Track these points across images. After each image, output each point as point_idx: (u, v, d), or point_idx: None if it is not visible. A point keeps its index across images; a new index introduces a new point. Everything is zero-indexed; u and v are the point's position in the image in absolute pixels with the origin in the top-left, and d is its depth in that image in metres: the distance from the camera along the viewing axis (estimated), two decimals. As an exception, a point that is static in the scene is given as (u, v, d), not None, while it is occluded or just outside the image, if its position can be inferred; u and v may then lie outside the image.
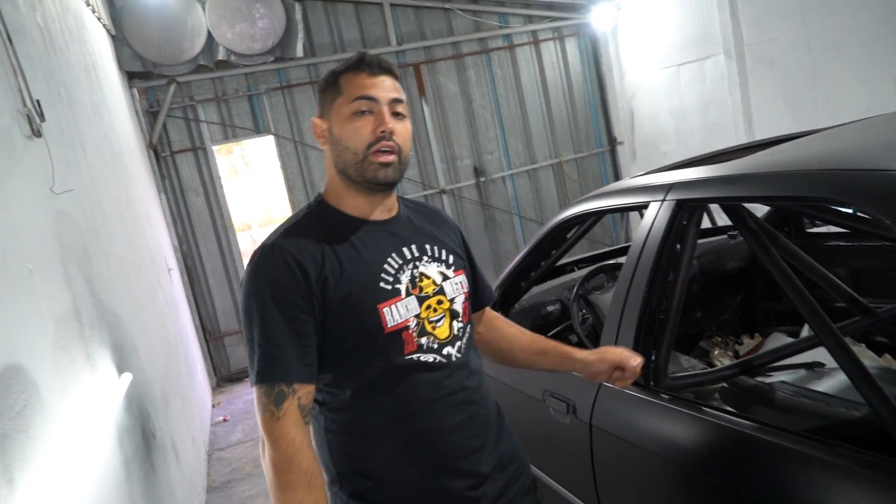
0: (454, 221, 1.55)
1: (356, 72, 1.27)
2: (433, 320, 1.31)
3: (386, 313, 1.24)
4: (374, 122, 1.25)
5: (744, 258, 2.92)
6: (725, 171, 1.64)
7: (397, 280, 1.28)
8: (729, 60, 5.31)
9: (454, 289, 1.36)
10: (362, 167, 1.25)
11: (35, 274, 1.71)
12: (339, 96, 1.27)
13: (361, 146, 1.25)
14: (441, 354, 1.30)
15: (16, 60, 2.00)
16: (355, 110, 1.25)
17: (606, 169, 7.27)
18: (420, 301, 1.29)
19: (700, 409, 1.51)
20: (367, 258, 1.27)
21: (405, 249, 1.32)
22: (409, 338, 1.27)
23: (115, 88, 4.54)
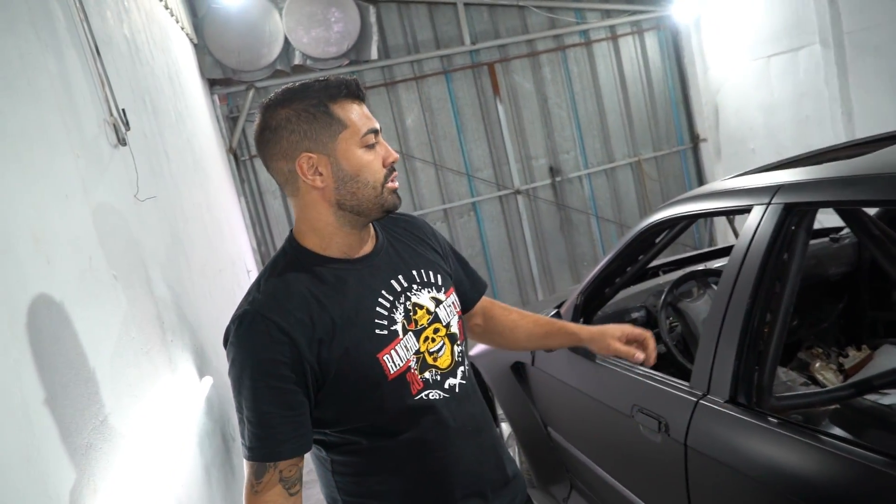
0: (429, 224, 1.48)
1: (349, 99, 1.18)
2: (433, 351, 1.26)
3: (387, 361, 1.19)
4: (383, 154, 1.20)
5: (848, 263, 2.69)
6: (842, 172, 1.48)
7: (392, 321, 1.22)
8: (826, 50, 4.96)
9: (448, 312, 1.32)
10: (381, 199, 1.20)
11: (119, 281, 1.73)
12: (344, 129, 1.16)
13: (380, 180, 1.19)
14: (444, 389, 1.26)
15: (103, 71, 2.04)
16: (367, 144, 1.18)
17: (688, 167, 6.97)
18: (417, 335, 1.24)
19: (816, 436, 1.35)
20: (358, 305, 1.19)
21: (393, 283, 1.26)
22: (413, 378, 1.23)
23: (197, 95, 4.67)
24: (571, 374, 2.38)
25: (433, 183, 6.21)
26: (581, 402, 2.30)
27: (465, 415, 1.29)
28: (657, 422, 1.79)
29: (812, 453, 1.35)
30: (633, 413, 1.91)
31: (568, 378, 2.39)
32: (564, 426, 2.59)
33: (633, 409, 1.91)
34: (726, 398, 1.59)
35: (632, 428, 1.90)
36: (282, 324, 1.11)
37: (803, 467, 1.36)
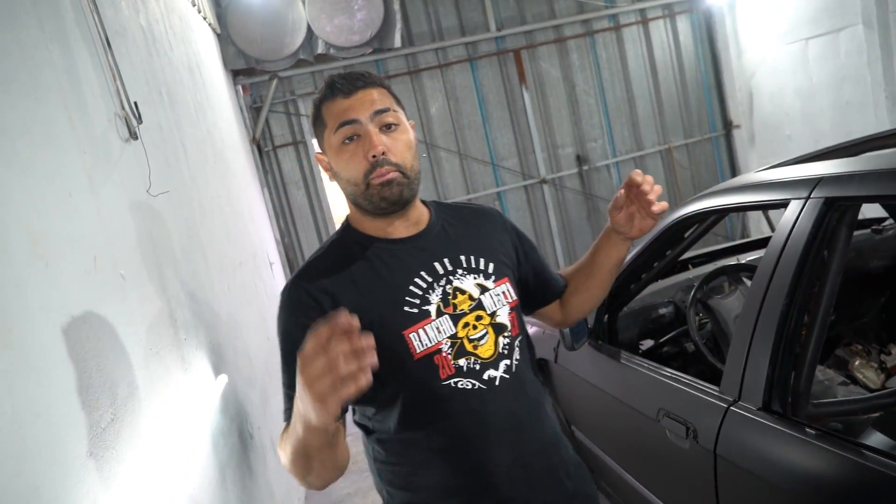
0: (504, 217, 1.45)
1: (332, 99, 1.21)
2: (474, 338, 1.21)
3: (413, 339, 1.17)
4: (364, 147, 1.18)
5: (891, 256, 2.56)
6: (890, 164, 1.37)
7: (426, 301, 1.20)
8: (869, 31, 4.74)
9: (495, 301, 1.26)
10: (368, 195, 1.20)
11: (128, 280, 1.68)
12: (325, 128, 1.22)
13: (359, 176, 1.19)
14: (481, 380, 1.20)
15: (114, 64, 2.00)
16: (342, 140, 1.19)
17: (721, 155, 6.77)
18: (455, 320, 1.20)
19: (859, 451, 1.25)
20: (391, 281, 1.20)
21: (436, 265, 1.24)
22: (444, 361, 1.18)
23: (220, 86, 4.64)
24: (595, 372, 2.30)
25: (457, 172, 6.13)
26: (605, 403, 2.21)
27: (504, 411, 1.22)
28: (685, 427, 1.70)
29: (853, 468, 1.25)
30: (660, 417, 1.82)
31: (591, 377, 2.31)
32: (588, 426, 2.51)
33: (659, 413, 1.82)
34: (759, 405, 1.49)
35: (658, 432, 1.82)
36: (311, 290, 1.18)
37: (843, 483, 1.26)
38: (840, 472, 1.27)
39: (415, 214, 1.29)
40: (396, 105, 1.24)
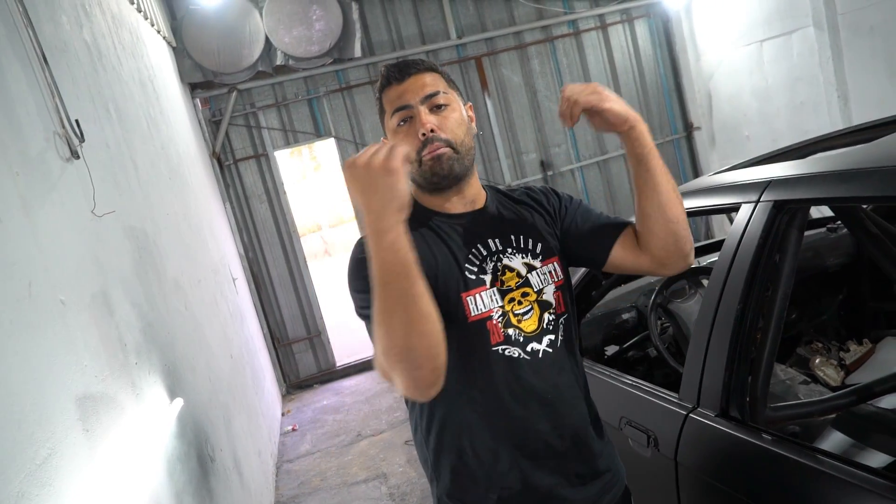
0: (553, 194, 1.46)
1: (387, 87, 1.31)
2: (518, 313, 1.28)
3: (469, 302, 1.25)
4: (415, 128, 1.27)
5: (847, 254, 2.58)
6: (835, 166, 1.37)
7: (482, 270, 1.28)
8: (819, 32, 4.83)
9: (542, 279, 1.32)
10: (422, 171, 1.28)
11: (68, 306, 1.62)
12: (384, 114, 1.33)
13: (413, 154, 1.25)
14: (525, 351, 1.27)
15: (52, 81, 1.92)
16: (397, 123, 1.29)
17: (682, 156, 6.85)
18: (502, 294, 1.27)
19: (814, 456, 1.24)
20: (453, 248, 1.29)
21: (490, 241, 1.32)
22: (495, 328, 1.26)
23: (175, 100, 4.54)
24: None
25: (423, 181, 6.09)
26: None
27: (546, 382, 1.28)
28: (646, 436, 1.68)
29: (810, 473, 1.24)
30: (622, 426, 1.80)
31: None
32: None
33: (621, 422, 1.81)
34: (717, 411, 1.48)
35: (621, 441, 1.79)
36: None
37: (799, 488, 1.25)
38: (796, 477, 1.26)
39: (471, 192, 1.35)
40: (448, 87, 1.32)
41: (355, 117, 5.90)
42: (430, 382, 1.08)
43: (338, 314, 7.37)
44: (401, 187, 1.01)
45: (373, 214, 1.02)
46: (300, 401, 5.55)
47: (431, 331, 1.05)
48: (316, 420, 4.97)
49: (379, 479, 3.74)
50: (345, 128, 5.89)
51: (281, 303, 5.86)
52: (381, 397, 5.10)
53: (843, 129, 2.06)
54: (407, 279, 1.03)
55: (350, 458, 4.14)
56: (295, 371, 5.93)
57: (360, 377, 5.79)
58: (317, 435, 4.65)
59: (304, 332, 5.92)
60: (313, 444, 4.50)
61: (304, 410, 5.26)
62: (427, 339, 1.04)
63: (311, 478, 3.99)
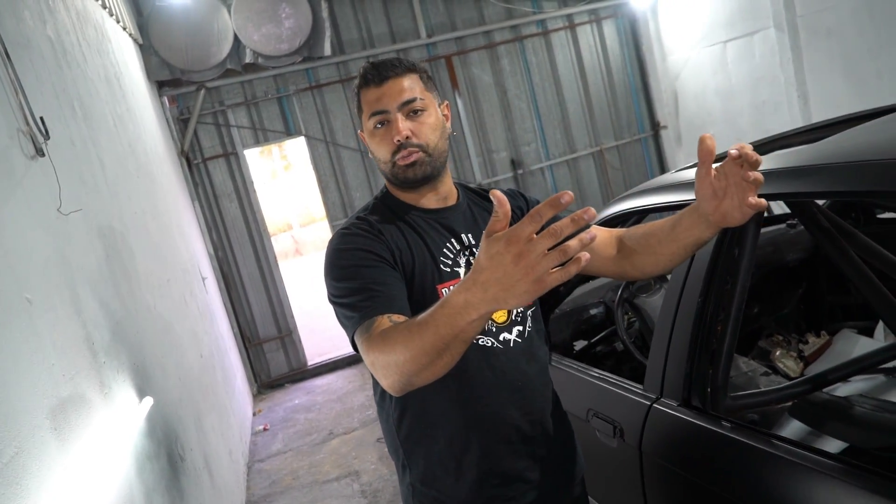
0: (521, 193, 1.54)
1: (366, 87, 1.33)
2: None
3: (444, 293, 1.27)
4: (391, 132, 1.31)
5: (806, 249, 2.66)
6: (789, 163, 1.42)
7: (456, 263, 1.33)
8: (780, 34, 4.96)
9: None
10: (394, 172, 1.33)
11: (35, 305, 1.60)
12: (363, 113, 1.36)
13: (387, 156, 1.32)
14: (498, 340, 1.33)
15: (15, 77, 1.90)
16: (374, 126, 1.33)
17: (650, 155, 6.96)
18: None
19: (770, 441, 1.30)
20: (428, 242, 1.33)
21: (462, 236, 1.37)
22: None
23: (142, 98, 4.49)
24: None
25: (394, 179, 6.10)
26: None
27: (517, 370, 1.34)
28: (612, 427, 1.73)
29: (767, 458, 1.29)
30: (590, 418, 1.84)
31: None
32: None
33: (588, 414, 1.85)
34: (679, 401, 1.53)
35: (589, 433, 1.84)
36: (371, 230, 1.30)
37: (758, 473, 1.30)
38: (754, 462, 1.31)
39: (444, 189, 1.41)
40: (425, 90, 1.35)
41: (325, 116, 5.88)
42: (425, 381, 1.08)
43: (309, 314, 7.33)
44: (531, 299, 0.89)
45: (490, 303, 0.91)
46: (271, 400, 5.53)
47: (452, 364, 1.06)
48: (287, 419, 4.95)
49: (351, 477, 3.75)
50: (315, 126, 5.88)
51: (251, 302, 5.82)
52: (352, 396, 5.11)
53: (799, 128, 2.13)
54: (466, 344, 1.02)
55: (322, 456, 4.14)
56: (266, 370, 5.90)
57: (332, 376, 5.78)
58: (288, 434, 4.64)
59: (276, 332, 5.89)
60: (285, 444, 4.48)
61: (276, 410, 5.24)
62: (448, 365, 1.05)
63: (283, 476, 3.98)
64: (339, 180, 5.99)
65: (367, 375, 5.41)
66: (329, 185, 5.99)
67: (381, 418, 1.44)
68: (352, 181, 6.01)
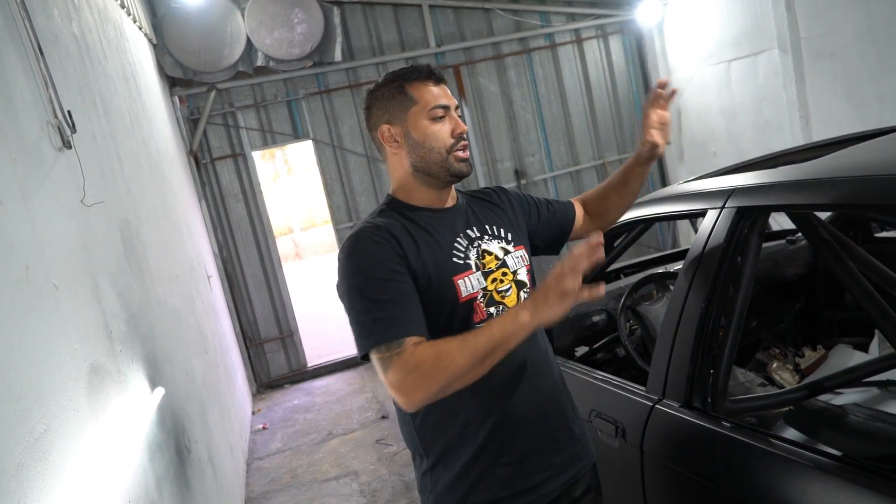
0: (507, 191, 1.68)
1: (424, 81, 1.43)
2: (501, 290, 1.44)
3: (460, 284, 1.38)
4: (451, 126, 1.42)
5: (804, 265, 2.73)
6: (792, 176, 1.49)
7: (467, 256, 1.43)
8: (784, 55, 5.05)
9: (516, 262, 1.49)
10: (447, 164, 1.42)
11: (61, 290, 1.66)
12: (414, 105, 1.42)
13: (445, 146, 1.42)
14: None
15: (46, 72, 1.96)
16: (435, 116, 1.42)
17: (652, 169, 7.03)
18: (485, 276, 1.43)
19: (767, 440, 1.36)
20: (440, 239, 1.42)
21: (468, 231, 1.47)
22: (479, 308, 1.40)
23: (156, 97, 4.56)
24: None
25: (399, 186, 6.16)
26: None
27: (524, 354, 1.42)
28: (614, 427, 1.78)
29: (765, 456, 1.35)
30: (592, 418, 1.90)
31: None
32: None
33: (591, 415, 1.90)
34: (681, 402, 1.59)
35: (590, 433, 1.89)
36: (386, 235, 1.37)
37: (756, 470, 1.36)
38: (755, 461, 1.37)
39: (452, 192, 1.53)
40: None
41: (333, 120, 5.96)
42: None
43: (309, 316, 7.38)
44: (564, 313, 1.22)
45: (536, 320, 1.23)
46: (271, 400, 5.57)
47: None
48: (287, 419, 4.99)
49: (350, 476, 3.79)
50: (323, 130, 5.95)
51: (254, 302, 5.87)
52: (352, 398, 5.15)
53: (802, 145, 2.21)
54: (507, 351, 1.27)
55: (321, 455, 4.18)
56: (266, 370, 5.94)
57: (331, 378, 5.83)
58: (287, 433, 4.68)
59: (277, 332, 5.94)
60: (284, 443, 4.52)
61: (275, 409, 5.28)
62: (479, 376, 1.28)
63: (282, 475, 4.02)
64: (345, 184, 6.06)
65: (367, 378, 5.46)
66: (335, 188, 6.05)
67: (398, 411, 1.49)
68: (357, 186, 6.08)
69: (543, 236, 1.68)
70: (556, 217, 1.70)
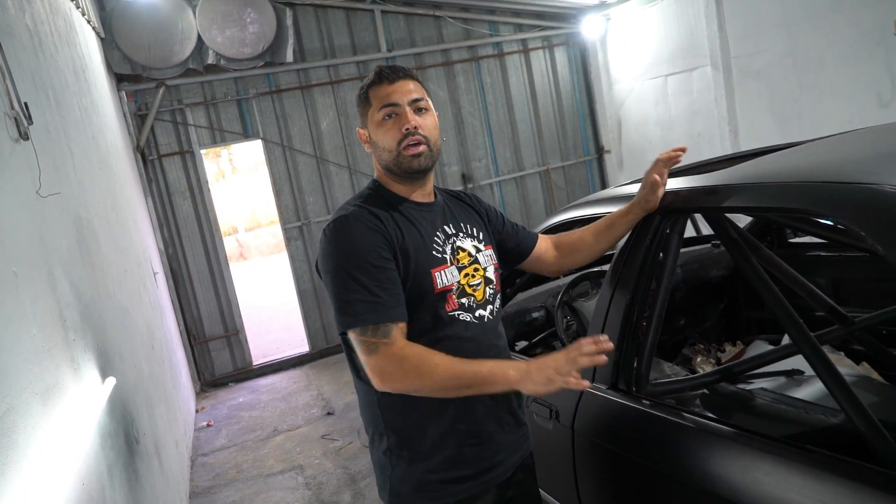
0: (480, 198, 1.79)
1: (378, 84, 1.51)
2: (472, 284, 1.55)
3: (437, 276, 1.48)
4: (400, 122, 1.49)
5: (727, 267, 2.95)
6: (708, 182, 1.67)
7: (444, 251, 1.52)
8: (716, 72, 5.37)
9: (486, 260, 1.61)
10: (399, 161, 1.50)
11: (20, 277, 1.71)
12: (370, 107, 1.52)
13: (393, 144, 1.49)
14: (474, 316, 1.54)
15: (4, 63, 2.00)
16: (383, 117, 1.50)
17: (594, 177, 7.32)
18: (459, 270, 1.53)
19: (681, 414, 1.53)
20: (422, 231, 1.51)
21: (445, 227, 1.57)
22: (451, 298, 1.51)
23: (104, 91, 4.53)
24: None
25: (347, 186, 6.25)
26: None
27: (488, 342, 1.56)
28: (549, 410, 1.93)
29: (679, 430, 1.52)
30: (529, 403, 2.04)
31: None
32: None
33: (527, 400, 2.05)
34: (608, 385, 1.75)
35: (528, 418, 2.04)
36: (375, 221, 1.45)
37: (672, 443, 1.53)
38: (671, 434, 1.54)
39: (429, 187, 1.61)
40: (427, 96, 1.56)
41: (283, 120, 6.00)
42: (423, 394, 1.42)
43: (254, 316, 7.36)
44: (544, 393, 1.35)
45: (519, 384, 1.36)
46: (215, 398, 5.56)
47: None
48: (231, 416, 5.00)
49: (295, 471, 3.85)
50: (273, 130, 5.98)
51: (199, 300, 5.85)
52: (297, 395, 5.20)
53: (722, 156, 2.42)
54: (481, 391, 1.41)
55: (266, 451, 4.23)
56: (210, 369, 5.92)
57: (276, 376, 5.85)
58: (232, 430, 4.70)
59: (222, 330, 5.93)
60: (229, 439, 4.54)
61: (219, 407, 5.28)
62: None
63: (227, 470, 4.05)
64: (294, 185, 6.10)
65: (312, 377, 5.52)
66: (283, 188, 6.09)
67: (359, 391, 1.59)
68: (306, 186, 6.13)
69: (501, 248, 1.76)
70: (518, 238, 1.80)
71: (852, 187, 1.29)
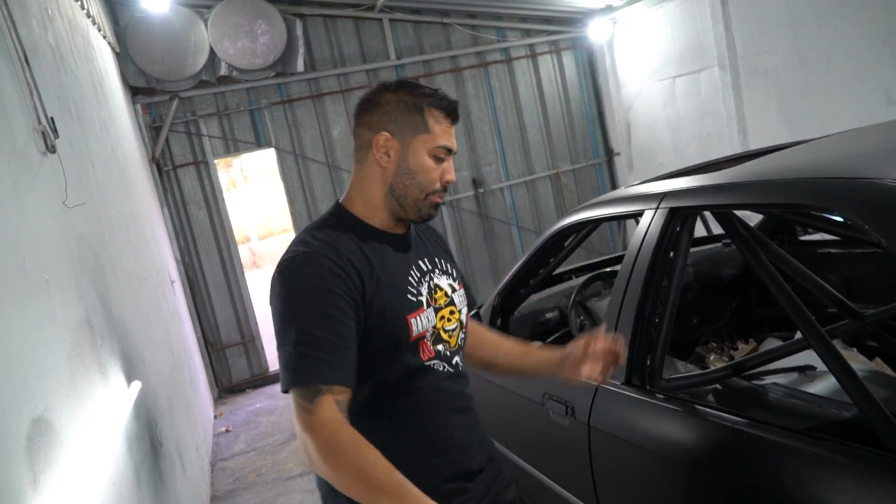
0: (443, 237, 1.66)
1: (445, 117, 1.36)
2: (448, 329, 1.40)
3: (413, 323, 1.32)
4: (444, 171, 1.36)
5: (738, 265, 2.98)
6: (716, 180, 1.71)
7: (419, 292, 1.36)
8: (723, 72, 5.40)
9: (461, 301, 1.47)
10: (421, 204, 1.36)
11: (52, 284, 1.77)
12: (424, 133, 1.33)
13: (429, 187, 1.35)
14: (450, 364, 1.40)
15: (31, 80, 2.07)
16: (437, 155, 1.35)
17: (603, 179, 7.35)
18: (435, 312, 1.38)
19: (693, 407, 1.56)
20: (395, 270, 1.35)
21: (420, 262, 1.41)
22: (426, 346, 1.35)
23: (120, 105, 4.62)
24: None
25: (360, 194, 6.30)
26: (495, 394, 2.46)
27: (461, 392, 1.42)
28: (565, 406, 1.97)
29: (693, 423, 1.56)
30: (544, 400, 2.09)
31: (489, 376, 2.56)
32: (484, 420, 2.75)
33: (543, 397, 2.09)
34: (623, 380, 1.79)
35: (543, 414, 2.08)
36: (340, 263, 1.25)
37: (686, 436, 1.57)
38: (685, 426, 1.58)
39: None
40: None
41: (296, 129, 6.08)
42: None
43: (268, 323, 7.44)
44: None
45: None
46: (232, 404, 5.62)
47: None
48: (249, 422, 5.06)
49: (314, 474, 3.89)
50: (285, 139, 6.06)
51: (216, 307, 5.93)
52: (314, 401, 5.24)
53: (732, 155, 2.46)
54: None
55: (285, 455, 4.28)
56: (227, 375, 5.99)
57: (293, 383, 5.90)
58: (251, 435, 4.76)
59: (238, 337, 6.00)
60: (248, 444, 4.60)
61: (237, 413, 5.34)
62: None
63: (247, 474, 4.10)
64: (307, 192, 6.18)
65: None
66: (296, 196, 6.17)
67: None
68: (318, 193, 6.20)
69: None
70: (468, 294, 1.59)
71: (856, 182, 1.32)
